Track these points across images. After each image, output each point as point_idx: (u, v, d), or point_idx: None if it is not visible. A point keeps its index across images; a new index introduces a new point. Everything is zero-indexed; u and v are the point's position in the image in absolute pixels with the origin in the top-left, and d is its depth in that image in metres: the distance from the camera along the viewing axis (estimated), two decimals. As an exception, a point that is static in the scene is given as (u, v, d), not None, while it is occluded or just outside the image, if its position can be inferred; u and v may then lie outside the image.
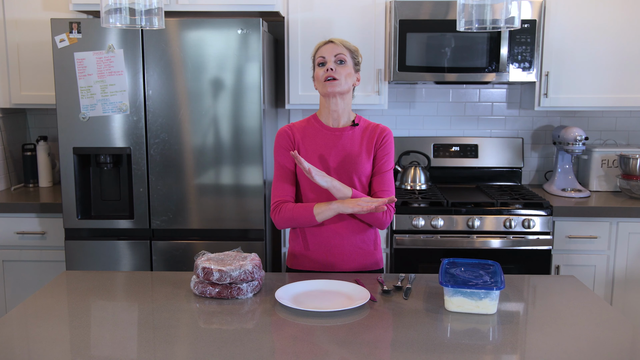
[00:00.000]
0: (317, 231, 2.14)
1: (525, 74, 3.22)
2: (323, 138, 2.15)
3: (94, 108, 2.90)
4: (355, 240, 2.15)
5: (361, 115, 2.22)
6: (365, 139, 2.15)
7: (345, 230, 2.14)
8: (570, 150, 3.38)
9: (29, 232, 3.15)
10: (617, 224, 3.11)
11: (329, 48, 2.11)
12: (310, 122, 2.19)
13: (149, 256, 3.00)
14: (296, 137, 2.16)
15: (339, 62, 2.10)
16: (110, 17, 1.80)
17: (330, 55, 2.10)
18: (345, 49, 2.11)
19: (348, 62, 2.11)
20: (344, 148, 2.13)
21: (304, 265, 2.18)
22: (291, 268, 2.22)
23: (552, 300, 1.86)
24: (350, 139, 2.15)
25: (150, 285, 1.98)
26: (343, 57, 2.10)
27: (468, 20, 1.77)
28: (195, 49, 2.86)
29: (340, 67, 2.09)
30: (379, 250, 2.22)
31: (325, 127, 2.16)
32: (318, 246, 2.15)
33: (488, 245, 3.05)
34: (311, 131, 2.17)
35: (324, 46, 2.13)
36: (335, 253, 2.14)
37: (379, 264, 2.22)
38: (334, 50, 2.10)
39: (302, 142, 2.15)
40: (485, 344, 1.54)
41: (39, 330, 1.61)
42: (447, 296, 1.74)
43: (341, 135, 2.15)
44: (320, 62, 2.12)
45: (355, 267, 2.16)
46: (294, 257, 2.21)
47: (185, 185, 2.95)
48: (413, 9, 3.18)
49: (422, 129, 3.75)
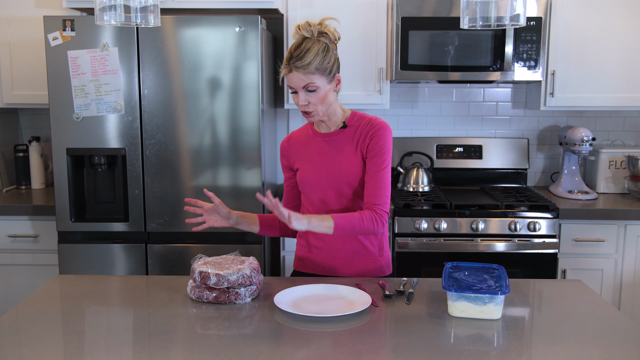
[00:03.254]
0: (320, 234, 2.13)
1: (531, 73, 3.23)
2: (315, 145, 2.14)
3: (87, 108, 2.91)
4: (358, 244, 2.14)
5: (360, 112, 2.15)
6: (356, 138, 2.09)
7: (346, 237, 2.12)
8: (577, 151, 3.39)
9: (21, 235, 3.15)
10: (625, 226, 3.11)
11: (294, 79, 1.97)
12: (306, 130, 2.20)
13: (145, 260, 3.00)
14: (291, 149, 2.19)
15: (309, 91, 1.98)
16: (104, 15, 1.81)
17: (299, 87, 1.98)
18: (311, 74, 1.95)
19: (319, 84, 1.97)
20: (335, 153, 2.09)
21: (308, 268, 2.19)
22: (297, 271, 2.24)
23: (559, 305, 1.86)
24: (340, 143, 2.10)
25: (145, 290, 1.98)
26: (313, 86, 1.96)
27: (472, 18, 1.77)
28: (192, 47, 2.86)
29: (311, 96, 1.98)
30: (385, 256, 2.18)
31: (318, 134, 2.14)
32: (321, 250, 2.15)
33: (493, 249, 3.05)
34: (305, 139, 2.17)
35: (288, 76, 1.99)
36: (337, 257, 2.14)
37: (384, 271, 2.18)
38: (300, 82, 1.96)
39: (297, 153, 2.17)
40: (489, 350, 1.54)
41: (32, 335, 1.61)
42: (451, 301, 1.74)
43: (331, 140, 2.11)
44: (292, 91, 2.01)
45: (358, 273, 2.15)
46: (299, 260, 2.23)
47: (182, 187, 2.95)
48: (415, 6, 3.18)
49: (425, 130, 3.75)
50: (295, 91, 2.00)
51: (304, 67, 1.95)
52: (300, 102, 2.00)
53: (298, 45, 1.99)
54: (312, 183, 2.11)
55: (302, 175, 2.13)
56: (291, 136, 2.22)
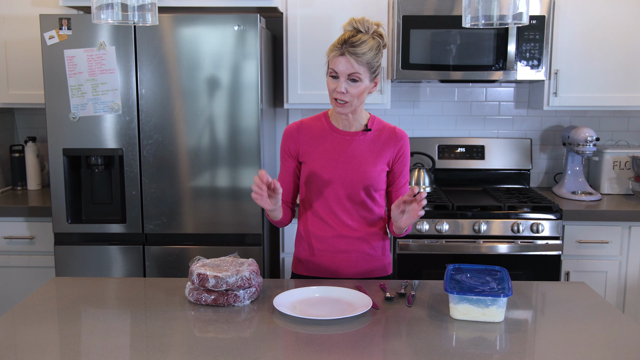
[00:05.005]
0: (323, 236, 2.13)
1: (534, 72, 3.23)
2: (332, 142, 2.11)
3: (84, 107, 2.91)
4: (363, 246, 2.14)
5: (377, 117, 2.16)
6: (379, 145, 2.10)
7: (353, 236, 2.13)
8: (580, 151, 3.39)
9: (17, 237, 3.15)
10: (630, 228, 3.11)
11: (342, 64, 1.95)
12: (320, 122, 2.15)
13: (142, 262, 3.00)
14: (301, 138, 2.13)
15: (352, 80, 1.97)
16: (101, 13, 1.81)
17: (344, 74, 1.96)
18: (361, 66, 1.95)
19: (363, 78, 1.98)
20: (354, 155, 2.09)
21: (309, 270, 2.18)
22: (296, 273, 2.22)
23: (562, 307, 1.86)
24: (361, 145, 2.10)
25: (143, 292, 1.98)
26: (357, 76, 1.96)
27: (474, 16, 1.77)
28: (190, 46, 2.86)
29: (352, 87, 1.97)
30: (387, 255, 2.22)
31: (336, 130, 2.12)
32: (323, 252, 2.15)
33: (495, 251, 3.05)
34: (320, 132, 2.13)
35: (337, 58, 1.96)
36: (340, 259, 2.14)
37: (387, 270, 2.21)
38: (347, 69, 1.95)
39: (308, 144, 2.12)
40: (492, 353, 1.54)
41: (28, 338, 1.61)
42: (453, 303, 1.74)
43: (352, 140, 2.10)
44: (332, 75, 1.99)
45: (361, 273, 2.15)
46: (299, 262, 2.21)
47: (180, 188, 2.95)
48: (417, 5, 3.18)
49: (427, 130, 3.75)
50: (335, 76, 1.98)
51: (357, 56, 1.95)
52: (339, 89, 1.98)
53: (353, 35, 1.98)
54: (325, 180, 2.08)
55: (315, 171, 2.09)
56: (302, 123, 2.15)
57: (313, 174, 2.10)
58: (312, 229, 2.16)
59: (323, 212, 2.12)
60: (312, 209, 2.15)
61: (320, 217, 2.13)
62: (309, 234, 2.16)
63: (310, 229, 2.16)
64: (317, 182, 2.10)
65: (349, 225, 2.12)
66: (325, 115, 2.16)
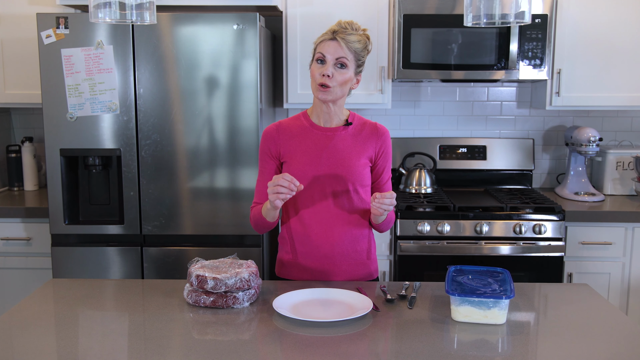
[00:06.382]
0: (306, 239, 2.12)
1: (536, 72, 3.23)
2: (313, 139, 2.11)
3: (82, 107, 2.91)
4: (347, 249, 2.12)
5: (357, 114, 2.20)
6: (361, 140, 2.12)
7: (336, 239, 2.11)
8: (583, 151, 3.39)
9: (14, 238, 3.15)
10: (633, 229, 3.11)
11: (331, 47, 2.00)
12: (299, 120, 2.15)
13: (140, 263, 3.00)
14: (281, 138, 2.12)
15: (339, 66, 2.01)
16: (99, 12, 1.81)
17: (331, 56, 2.00)
18: (350, 52, 2.01)
19: (349, 67, 2.02)
20: (337, 150, 2.09)
21: (292, 274, 2.16)
22: (279, 277, 2.21)
23: (565, 309, 1.86)
24: (343, 140, 2.11)
25: (141, 294, 1.98)
26: (344, 61, 2.01)
27: (476, 15, 1.78)
28: (189, 45, 2.86)
29: (338, 72, 2.01)
30: (372, 259, 2.20)
31: (316, 127, 2.12)
32: (306, 255, 2.13)
33: (497, 252, 3.05)
34: (299, 130, 2.13)
35: (327, 42, 2.02)
36: (324, 262, 2.12)
37: (373, 275, 2.21)
38: (336, 52, 2.00)
39: (288, 143, 2.11)
40: (493, 356, 1.54)
41: (24, 341, 1.61)
42: (454, 305, 1.74)
43: (333, 135, 2.11)
44: (319, 59, 2.02)
45: (346, 278, 2.14)
46: (282, 265, 2.20)
47: (178, 189, 2.95)
48: (418, 3, 3.19)
49: (428, 130, 3.75)
50: (322, 60, 2.02)
51: (348, 42, 2.01)
52: (325, 72, 2.00)
53: (344, 28, 2.04)
54: (310, 178, 2.07)
55: (298, 169, 2.07)
56: (281, 124, 2.15)
57: (297, 172, 2.06)
58: (295, 230, 2.14)
59: (306, 213, 2.11)
60: (295, 209, 2.13)
61: (304, 218, 2.11)
62: (292, 236, 2.15)
63: (294, 231, 2.14)
64: (302, 180, 2.04)
65: (333, 225, 2.10)
66: (305, 114, 2.16)
